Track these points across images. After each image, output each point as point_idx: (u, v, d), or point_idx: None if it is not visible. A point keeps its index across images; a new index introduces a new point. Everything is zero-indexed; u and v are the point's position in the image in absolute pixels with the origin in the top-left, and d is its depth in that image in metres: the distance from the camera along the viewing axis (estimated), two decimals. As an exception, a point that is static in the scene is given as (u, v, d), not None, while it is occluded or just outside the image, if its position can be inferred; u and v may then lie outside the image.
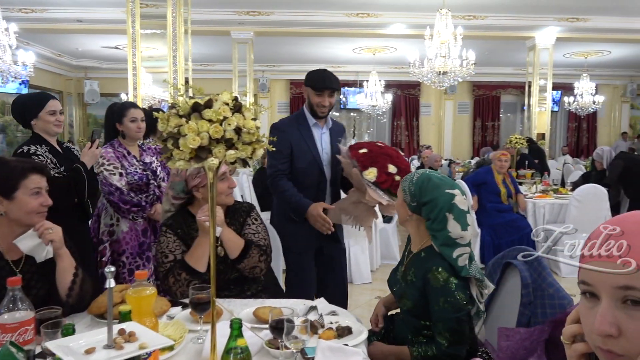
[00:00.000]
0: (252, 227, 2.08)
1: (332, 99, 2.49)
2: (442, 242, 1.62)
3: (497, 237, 4.94)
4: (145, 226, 2.85)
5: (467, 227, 1.61)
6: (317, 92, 2.44)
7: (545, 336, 1.37)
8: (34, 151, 2.41)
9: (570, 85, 11.33)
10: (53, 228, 1.60)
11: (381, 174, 2.15)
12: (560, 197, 5.25)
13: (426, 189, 1.65)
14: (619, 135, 13.24)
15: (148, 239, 2.86)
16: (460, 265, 1.61)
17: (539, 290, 1.62)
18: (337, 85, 2.47)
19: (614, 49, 10.25)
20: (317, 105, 2.47)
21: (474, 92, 13.31)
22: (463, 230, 1.60)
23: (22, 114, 2.50)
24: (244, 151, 1.15)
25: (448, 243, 1.62)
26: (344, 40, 9.54)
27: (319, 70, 2.50)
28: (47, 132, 2.50)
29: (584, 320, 0.74)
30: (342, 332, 1.51)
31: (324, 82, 2.43)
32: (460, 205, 1.62)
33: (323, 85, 2.43)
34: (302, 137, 2.51)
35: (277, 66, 12.42)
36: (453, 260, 1.61)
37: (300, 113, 2.59)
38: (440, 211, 1.61)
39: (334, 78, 2.46)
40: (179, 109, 1.14)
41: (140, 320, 1.21)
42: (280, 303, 1.81)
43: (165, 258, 1.91)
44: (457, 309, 1.58)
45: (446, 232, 1.61)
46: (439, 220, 1.61)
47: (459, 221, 1.60)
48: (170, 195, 2.04)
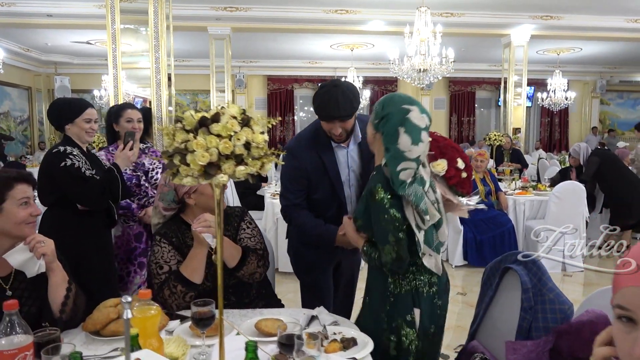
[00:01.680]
0: (247, 232, 2.05)
1: (347, 124, 2.01)
2: (391, 154, 1.63)
3: (479, 233, 5.01)
4: (140, 230, 2.78)
5: (418, 142, 1.62)
6: (323, 120, 2.03)
7: (550, 346, 1.38)
8: (70, 151, 2.37)
9: (543, 81, 11.58)
10: (45, 241, 1.54)
11: (450, 167, 1.88)
12: (540, 194, 5.36)
13: (387, 104, 1.69)
14: (590, 130, 13.60)
15: (142, 244, 2.79)
16: (400, 179, 1.61)
17: (539, 295, 1.63)
18: (350, 109, 1.96)
19: (585, 46, 10.49)
20: (330, 133, 2.06)
21: (450, 88, 13.46)
22: (413, 144, 1.61)
23: (59, 117, 2.47)
24: (254, 166, 1.11)
25: (395, 156, 1.62)
26: (321, 36, 9.50)
27: (323, 91, 1.99)
28: (79, 138, 2.47)
29: (620, 345, 0.74)
30: (347, 344, 1.50)
31: (329, 112, 1.97)
32: (414, 120, 1.63)
33: (328, 116, 1.99)
34: (321, 164, 2.09)
35: (254, 62, 12.29)
36: (395, 174, 1.61)
37: (320, 130, 2.11)
38: (393, 125, 1.64)
39: (343, 100, 1.93)
40: (184, 124, 1.10)
41: (146, 342, 1.17)
42: (279, 313, 1.79)
43: (160, 269, 1.85)
44: (393, 227, 1.62)
45: (396, 145, 1.62)
46: (392, 133, 1.64)
47: (411, 135, 1.62)
48: (161, 208, 1.97)
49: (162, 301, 1.82)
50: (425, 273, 1.73)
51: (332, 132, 2.04)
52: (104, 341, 1.53)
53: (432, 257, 1.72)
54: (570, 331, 1.34)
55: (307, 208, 2.17)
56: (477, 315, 1.88)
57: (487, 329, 1.84)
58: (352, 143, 2.14)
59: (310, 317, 1.71)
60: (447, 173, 1.89)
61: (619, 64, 12.63)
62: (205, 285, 1.89)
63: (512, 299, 1.70)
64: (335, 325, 1.67)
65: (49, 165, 2.36)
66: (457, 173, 1.90)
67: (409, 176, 1.63)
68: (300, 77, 13.00)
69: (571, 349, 1.37)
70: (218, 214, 1.17)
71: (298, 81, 13.05)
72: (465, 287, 4.51)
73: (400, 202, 1.64)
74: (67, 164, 2.31)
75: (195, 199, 1.96)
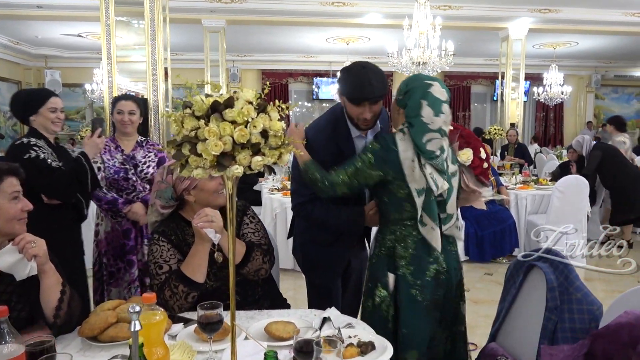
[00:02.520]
0: (250, 227, 1.96)
1: (377, 106, 1.88)
2: (416, 128, 1.74)
3: (481, 229, 4.94)
4: (129, 227, 2.67)
5: (439, 114, 1.73)
6: (355, 103, 1.87)
7: (585, 350, 1.29)
8: (34, 142, 2.29)
9: (538, 76, 11.52)
10: (36, 241, 1.41)
11: (475, 157, 1.90)
12: (542, 188, 5.29)
13: (411, 81, 1.81)
14: (585, 124, 13.59)
15: (131, 241, 2.68)
16: (429, 150, 1.73)
17: (566, 294, 1.55)
18: (382, 89, 1.85)
19: (582, 40, 10.44)
20: (358, 119, 1.92)
21: (446, 82, 13.31)
22: (435, 115, 1.73)
23: (22, 108, 2.38)
24: (271, 157, 1.00)
25: (420, 128, 1.73)
26: (317, 29, 9.36)
27: (352, 71, 1.86)
28: (46, 129, 2.38)
29: None
30: (365, 349, 1.40)
31: (362, 93, 1.82)
32: (435, 94, 1.75)
33: (360, 97, 1.84)
34: (341, 155, 1.93)
35: (249, 55, 12.11)
36: (422, 145, 1.73)
37: (339, 118, 2.00)
38: (416, 98, 1.75)
39: (376, 80, 1.82)
40: (194, 109, 0.99)
41: (151, 350, 1.06)
42: (289, 315, 1.69)
43: (159, 269, 1.74)
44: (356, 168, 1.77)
45: (420, 117, 1.73)
46: (414, 107, 1.74)
47: (433, 107, 1.73)
48: (159, 205, 1.85)
49: (163, 302, 1.70)
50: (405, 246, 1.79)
51: (361, 117, 1.89)
52: (102, 347, 1.41)
53: (433, 230, 1.77)
54: (607, 334, 1.25)
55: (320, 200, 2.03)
56: (500, 314, 1.79)
57: (509, 330, 1.75)
58: (370, 133, 2.04)
59: (322, 319, 1.61)
60: (472, 163, 1.89)
61: (614, 58, 12.60)
62: (208, 285, 1.79)
63: (536, 298, 1.61)
64: (350, 327, 1.57)
65: (11, 158, 2.25)
66: (481, 163, 1.91)
67: (436, 146, 1.74)
68: (295, 71, 12.84)
69: (607, 352, 1.28)
70: (230, 209, 1.07)
71: (293, 75, 12.90)
72: (467, 283, 4.40)
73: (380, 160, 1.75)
74: (32, 156, 2.23)
75: (195, 196, 1.85)
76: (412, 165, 1.73)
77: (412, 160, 1.73)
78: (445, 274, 1.82)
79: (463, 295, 1.97)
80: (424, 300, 1.78)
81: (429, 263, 1.79)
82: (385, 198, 1.83)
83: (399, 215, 1.81)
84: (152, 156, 2.76)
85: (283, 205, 4.52)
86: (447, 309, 1.87)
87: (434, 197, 1.76)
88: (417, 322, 1.79)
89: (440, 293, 1.82)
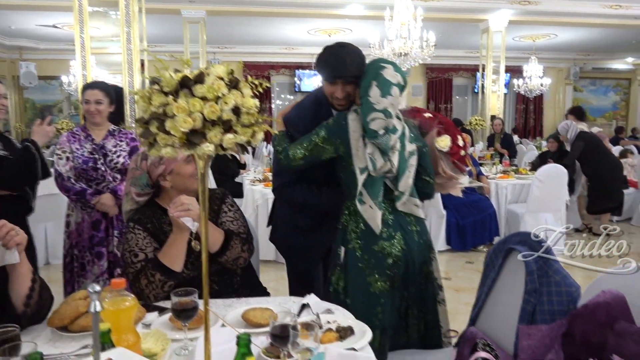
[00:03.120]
0: (229, 215, 1.92)
1: (350, 86, 1.88)
2: (363, 107, 1.79)
3: (462, 218, 4.98)
4: (98, 218, 2.60)
5: (387, 95, 1.76)
6: (329, 81, 1.89)
7: (563, 330, 1.29)
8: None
9: (518, 68, 11.62)
10: (17, 229, 1.36)
11: (453, 144, 1.96)
12: (521, 178, 5.35)
13: (369, 63, 1.87)
14: (563, 116, 13.77)
15: (101, 233, 2.61)
16: (371, 129, 1.76)
17: (545, 277, 1.54)
18: (356, 69, 1.84)
19: (561, 33, 10.55)
20: (331, 97, 1.93)
21: (427, 74, 13.41)
22: (382, 96, 1.76)
23: None
24: (244, 135, 0.97)
25: (366, 107, 1.77)
26: (298, 21, 9.28)
27: (331, 52, 1.88)
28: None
29: None
30: (344, 334, 1.38)
31: (334, 71, 1.86)
32: (386, 76, 1.78)
33: (332, 75, 1.87)
34: None
35: (229, 47, 11.96)
36: (366, 123, 1.77)
37: (321, 99, 2.01)
38: (368, 79, 1.79)
39: (350, 60, 1.84)
40: (162, 85, 0.95)
41: (120, 337, 1.02)
42: (267, 302, 1.66)
43: (134, 257, 1.70)
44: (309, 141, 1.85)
45: (367, 97, 1.77)
46: (365, 87, 1.79)
47: (381, 89, 1.77)
48: (134, 193, 1.80)
49: (139, 291, 1.67)
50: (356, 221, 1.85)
51: (334, 96, 1.91)
52: (73, 337, 1.37)
53: (371, 209, 1.81)
54: (585, 314, 1.25)
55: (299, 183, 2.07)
56: (479, 299, 1.79)
57: (488, 314, 1.75)
58: None
59: (301, 305, 1.58)
60: (450, 149, 1.93)
61: (592, 51, 12.78)
62: (186, 274, 1.75)
63: (515, 282, 1.61)
64: (329, 313, 1.55)
65: None
66: (458, 150, 1.95)
67: (379, 126, 1.76)
68: (277, 63, 12.74)
69: (584, 332, 1.28)
70: (202, 191, 1.03)
71: (275, 67, 12.79)
72: (449, 271, 4.46)
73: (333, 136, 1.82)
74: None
75: (171, 181, 1.81)
76: (356, 145, 1.80)
77: (357, 140, 1.81)
78: (402, 253, 1.84)
79: (433, 278, 1.96)
80: (371, 274, 1.83)
81: (380, 239, 1.83)
82: (341, 174, 1.92)
83: (350, 191, 1.89)
84: (124, 145, 2.69)
85: (265, 196, 4.48)
86: (410, 289, 1.90)
87: (379, 177, 1.82)
88: (363, 297, 1.83)
89: (397, 271, 1.84)
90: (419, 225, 1.93)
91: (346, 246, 1.89)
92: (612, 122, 14.06)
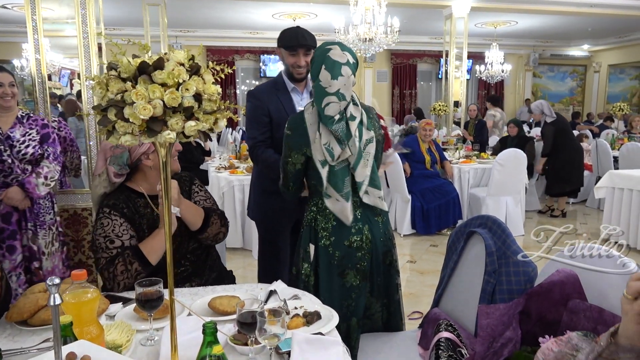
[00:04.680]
0: (201, 194, 1.99)
1: (308, 57, 2.22)
2: (316, 93, 1.77)
3: (426, 203, 5.07)
4: (9, 210, 2.47)
5: (338, 77, 1.72)
6: (291, 51, 2.24)
7: (520, 308, 1.35)
8: None
9: (480, 54, 11.84)
10: None
11: None
12: (483, 162, 5.48)
13: (316, 49, 1.84)
14: (523, 102, 14.16)
15: (12, 226, 2.49)
16: (326, 115, 1.74)
17: (504, 258, 1.60)
18: (313, 41, 2.25)
19: (521, 20, 10.79)
20: (293, 66, 2.27)
21: (392, 60, 13.48)
22: (332, 78, 1.72)
23: None
24: (206, 122, 0.95)
25: (318, 92, 1.75)
26: (263, 4, 9.12)
27: (291, 28, 2.30)
28: None
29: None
30: (310, 319, 1.39)
31: (297, 40, 2.23)
32: (333, 57, 1.73)
33: (296, 43, 2.23)
34: (280, 105, 2.30)
35: (192, 31, 11.68)
36: (321, 110, 1.75)
37: (277, 78, 2.39)
38: (316, 64, 1.77)
39: (307, 35, 2.25)
40: (120, 70, 0.92)
41: (82, 330, 1.00)
42: (234, 290, 1.66)
43: (110, 243, 1.69)
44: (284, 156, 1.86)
45: (318, 81, 1.75)
46: (314, 72, 1.77)
47: (330, 71, 1.72)
48: (112, 173, 1.77)
49: (111, 277, 1.67)
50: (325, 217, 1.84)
51: (296, 65, 2.25)
52: (33, 331, 1.33)
53: (338, 202, 1.80)
54: (541, 292, 1.31)
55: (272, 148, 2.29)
56: (442, 281, 1.84)
57: (451, 294, 1.80)
58: (306, 91, 2.39)
59: (269, 292, 1.59)
60: None
61: (550, 38, 13.13)
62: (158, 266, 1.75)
63: (476, 263, 1.66)
64: (296, 299, 1.56)
65: None
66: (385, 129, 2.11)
67: (334, 111, 1.73)
68: (242, 48, 12.53)
69: (540, 309, 1.34)
70: (164, 178, 1.01)
71: (239, 52, 12.58)
72: (414, 255, 4.56)
73: (295, 144, 1.81)
74: None
75: (153, 160, 1.80)
76: (314, 137, 1.78)
77: (314, 133, 1.78)
78: (369, 244, 1.85)
79: (395, 265, 1.98)
80: (343, 270, 1.84)
81: (350, 234, 1.83)
82: (309, 171, 1.89)
83: (316, 188, 1.88)
84: (34, 134, 2.54)
85: (230, 183, 4.43)
86: (375, 279, 1.92)
87: (339, 168, 1.79)
88: (335, 293, 1.85)
89: (365, 264, 1.86)
90: (383, 215, 1.94)
91: (317, 244, 1.86)
92: (569, 108, 14.56)
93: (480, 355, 1.25)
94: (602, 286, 1.25)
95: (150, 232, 1.77)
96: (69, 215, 2.97)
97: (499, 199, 4.98)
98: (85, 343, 0.92)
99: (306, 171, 1.89)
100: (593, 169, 6.65)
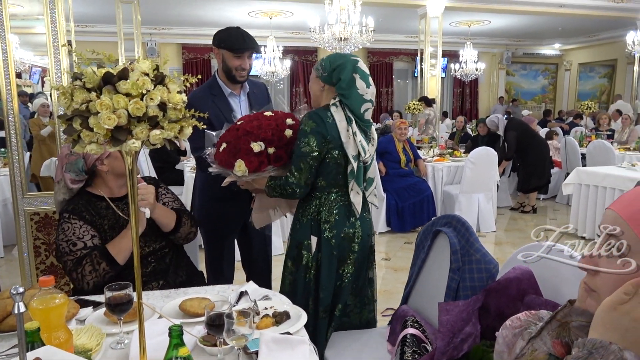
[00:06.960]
0: (168, 196, 2.02)
1: (252, 60, 2.24)
2: (353, 100, 1.87)
3: (401, 201, 5.15)
4: None
5: (369, 85, 1.90)
6: (237, 53, 2.17)
7: (479, 304, 1.40)
8: None
9: (455, 53, 12.02)
10: None
11: (250, 159, 1.83)
12: (456, 160, 5.59)
13: (336, 58, 1.92)
14: (497, 99, 14.44)
15: None
16: (366, 119, 1.91)
17: (467, 256, 1.66)
18: (257, 46, 2.22)
19: (494, 19, 11.00)
20: (237, 69, 2.20)
21: (369, 58, 13.58)
22: (367, 87, 1.89)
23: None
24: (171, 130, 0.98)
25: (357, 100, 1.87)
26: (239, 2, 9.10)
27: (232, 29, 2.21)
28: None
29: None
30: (280, 319, 1.43)
31: (245, 42, 2.16)
32: (363, 68, 1.91)
33: (244, 46, 2.16)
34: (218, 110, 2.21)
35: (167, 29, 11.55)
36: (361, 115, 1.89)
37: (212, 82, 2.29)
38: (348, 72, 1.86)
39: (252, 37, 2.21)
40: (85, 81, 0.94)
41: (51, 335, 1.01)
42: (205, 292, 1.68)
43: (73, 246, 1.71)
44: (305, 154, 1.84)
45: (355, 89, 1.87)
46: (348, 80, 1.87)
47: (364, 80, 1.89)
48: (69, 180, 1.78)
49: (80, 278, 1.69)
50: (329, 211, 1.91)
51: (241, 67, 2.20)
52: (2, 337, 1.33)
53: (358, 195, 1.93)
54: (499, 289, 1.37)
55: None
56: (410, 278, 1.90)
57: (419, 292, 1.86)
58: (242, 94, 2.35)
59: (240, 293, 1.62)
60: (251, 167, 1.83)
61: (523, 36, 13.42)
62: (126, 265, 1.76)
63: (442, 261, 1.72)
64: (266, 299, 1.60)
65: None
66: (262, 156, 1.85)
67: (370, 115, 1.93)
68: (217, 46, 12.45)
69: (498, 305, 1.40)
70: (131, 185, 1.03)
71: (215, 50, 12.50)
72: (389, 252, 4.63)
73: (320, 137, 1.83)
74: None
75: (108, 165, 1.82)
76: (347, 134, 1.88)
77: (346, 129, 1.87)
78: (360, 239, 1.96)
79: (373, 261, 2.09)
80: (342, 259, 1.94)
81: (347, 227, 1.94)
82: (320, 168, 1.92)
83: (325, 182, 1.92)
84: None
85: (206, 183, 4.42)
86: (362, 273, 2.02)
87: (361, 164, 1.93)
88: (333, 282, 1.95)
89: (357, 255, 1.97)
90: (370, 213, 2.08)
91: (319, 236, 1.93)
92: (541, 105, 14.90)
93: (441, 350, 1.31)
94: (555, 282, 1.32)
95: (112, 232, 1.79)
96: (39, 219, 2.94)
97: (471, 197, 5.09)
98: (51, 349, 0.94)
99: None
100: (562, 166, 6.84)
